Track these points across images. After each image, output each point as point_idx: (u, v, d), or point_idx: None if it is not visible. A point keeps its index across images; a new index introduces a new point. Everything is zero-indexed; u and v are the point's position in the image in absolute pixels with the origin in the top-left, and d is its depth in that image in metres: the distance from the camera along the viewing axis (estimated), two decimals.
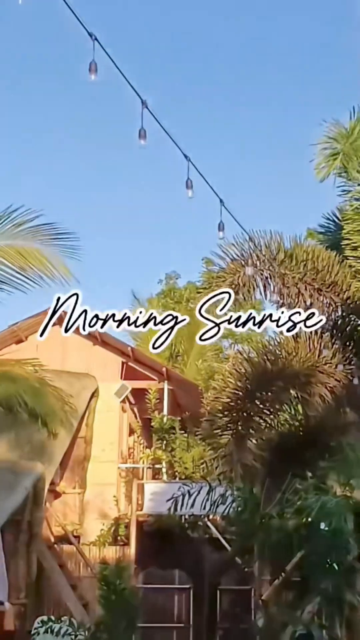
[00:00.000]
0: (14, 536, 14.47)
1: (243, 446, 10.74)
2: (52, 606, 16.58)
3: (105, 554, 17.30)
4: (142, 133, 6.33)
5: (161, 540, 17.25)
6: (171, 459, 18.55)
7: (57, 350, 19.23)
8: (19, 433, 15.70)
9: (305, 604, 11.03)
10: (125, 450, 20.09)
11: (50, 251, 10.50)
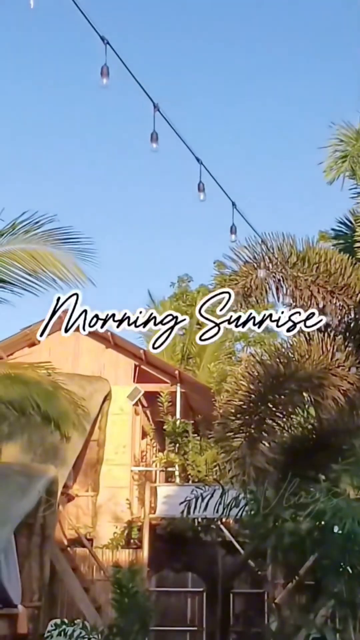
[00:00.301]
0: (27, 539, 14.48)
1: (256, 449, 10.70)
2: (65, 609, 16.60)
3: (118, 557, 17.30)
4: (154, 136, 6.34)
5: (174, 543, 17.25)
6: (184, 462, 18.53)
7: (69, 354, 19.30)
8: (31, 436, 15.74)
9: (319, 607, 11.01)
10: (138, 453, 20.10)
11: (63, 254, 10.52)
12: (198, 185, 7.16)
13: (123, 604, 11.76)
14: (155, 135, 6.29)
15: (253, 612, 17.44)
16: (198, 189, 7.17)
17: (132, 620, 11.66)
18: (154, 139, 6.30)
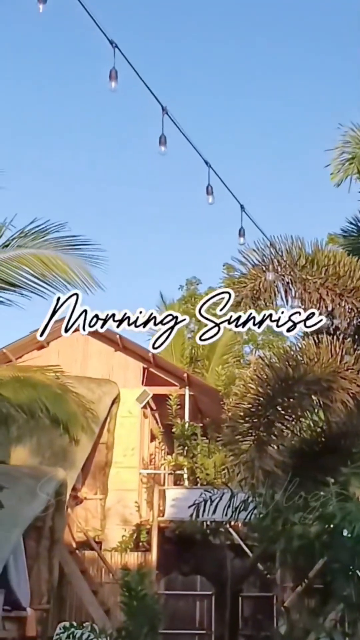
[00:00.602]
0: (36, 542, 14.50)
1: (264, 452, 10.68)
2: (74, 612, 16.61)
3: (126, 560, 17.29)
4: (163, 140, 6.34)
5: (183, 546, 17.23)
6: (192, 464, 18.52)
7: (78, 356, 19.35)
8: (40, 439, 15.76)
9: (328, 611, 10.97)
10: (147, 456, 20.09)
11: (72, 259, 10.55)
12: (206, 188, 7.14)
13: (132, 607, 11.75)
14: (163, 139, 6.28)
15: (262, 615, 17.40)
16: (207, 192, 7.16)
17: (141, 623, 11.65)
18: (162, 142, 6.29)
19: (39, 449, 16.04)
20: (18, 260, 10.62)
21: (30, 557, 13.99)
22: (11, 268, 10.62)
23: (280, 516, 10.04)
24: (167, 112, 6.26)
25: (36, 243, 10.54)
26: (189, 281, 30.94)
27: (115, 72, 5.61)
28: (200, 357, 24.98)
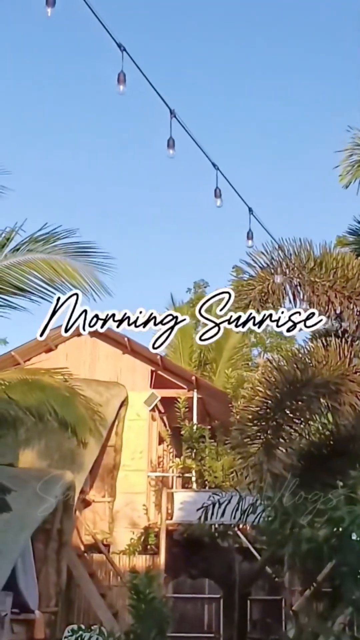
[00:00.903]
0: (44, 544, 14.51)
1: (273, 455, 10.68)
2: (82, 615, 16.61)
3: (135, 563, 17.29)
4: (171, 143, 6.33)
5: (191, 549, 17.21)
6: (201, 467, 18.50)
7: (86, 359, 19.37)
8: (48, 442, 15.77)
9: (337, 614, 10.93)
10: (155, 459, 20.09)
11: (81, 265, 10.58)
12: (215, 191, 7.14)
13: (140, 610, 11.75)
14: (172, 142, 6.28)
15: (270, 619, 17.37)
16: (215, 195, 7.16)
17: (149, 626, 11.64)
18: (170, 146, 6.29)
19: (47, 452, 16.05)
20: (27, 265, 10.66)
21: (38, 559, 13.99)
22: (21, 273, 10.66)
23: (288, 519, 10.01)
24: (175, 115, 6.26)
25: (46, 248, 10.58)
26: (197, 284, 30.95)
27: (124, 75, 5.61)
28: (209, 361, 24.97)
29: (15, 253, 10.81)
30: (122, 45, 5.51)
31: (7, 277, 10.76)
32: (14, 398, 11.44)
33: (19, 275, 10.66)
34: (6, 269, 10.70)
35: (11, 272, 10.73)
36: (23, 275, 10.65)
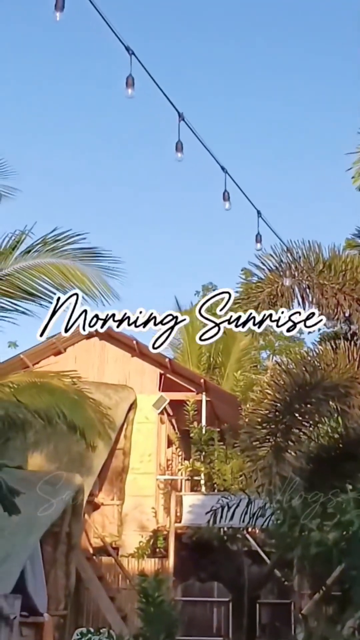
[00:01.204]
0: (53, 547, 14.51)
1: (282, 458, 10.65)
2: (91, 618, 16.60)
3: (143, 566, 17.27)
4: (179, 146, 6.33)
5: (200, 552, 17.19)
6: (210, 470, 18.48)
7: (95, 362, 19.38)
8: (57, 445, 15.78)
9: (346, 618, 10.89)
10: (164, 461, 20.07)
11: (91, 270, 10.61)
12: (223, 194, 7.13)
13: (149, 613, 11.75)
14: (180, 145, 6.27)
15: (279, 622, 17.32)
16: (223, 198, 7.14)
17: (158, 629, 11.64)
18: (178, 149, 6.28)
19: (56, 455, 16.06)
20: (37, 270, 10.69)
21: (47, 562, 13.99)
22: (30, 277, 10.70)
23: (297, 522, 9.99)
24: (184, 118, 6.26)
25: (55, 253, 10.61)
26: (205, 287, 30.91)
27: (132, 79, 5.59)
28: (218, 364, 24.95)
29: (25, 256, 10.84)
30: (130, 49, 5.51)
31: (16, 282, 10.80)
32: (23, 401, 11.48)
33: (28, 280, 10.70)
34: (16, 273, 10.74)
35: (21, 277, 10.77)
36: (33, 280, 10.69)
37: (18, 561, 12.53)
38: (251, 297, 11.46)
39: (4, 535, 12.35)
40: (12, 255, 11.03)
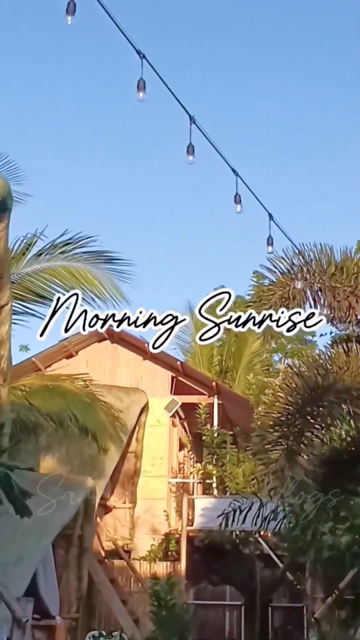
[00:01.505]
0: (65, 550, 14.50)
1: (294, 461, 10.61)
2: (103, 621, 16.59)
3: (155, 569, 17.26)
4: (191, 149, 6.32)
5: (212, 555, 17.16)
6: (222, 474, 18.45)
7: (107, 365, 19.39)
8: (69, 447, 15.79)
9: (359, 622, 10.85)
10: (176, 465, 20.06)
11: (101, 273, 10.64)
12: (234, 197, 7.11)
13: (161, 617, 11.75)
14: (191, 148, 6.26)
15: (292, 626, 17.26)
16: (235, 201, 7.13)
17: (170, 632, 11.63)
18: (190, 152, 6.27)
19: (68, 458, 16.07)
20: (48, 273, 10.73)
21: (59, 565, 13.99)
22: (42, 280, 10.73)
23: (310, 526, 9.97)
24: (195, 121, 6.25)
25: (66, 256, 10.65)
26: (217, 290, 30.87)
27: (144, 82, 5.59)
28: (230, 368, 24.92)
29: (36, 259, 10.88)
30: (141, 52, 5.51)
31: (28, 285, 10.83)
32: (35, 404, 11.50)
33: (40, 283, 10.73)
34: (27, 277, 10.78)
35: (32, 280, 10.80)
36: (44, 283, 10.72)
37: (30, 564, 12.53)
38: (263, 300, 11.44)
39: (16, 538, 12.36)
40: (24, 259, 11.07)
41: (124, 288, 10.83)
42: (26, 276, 11.02)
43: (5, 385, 10.38)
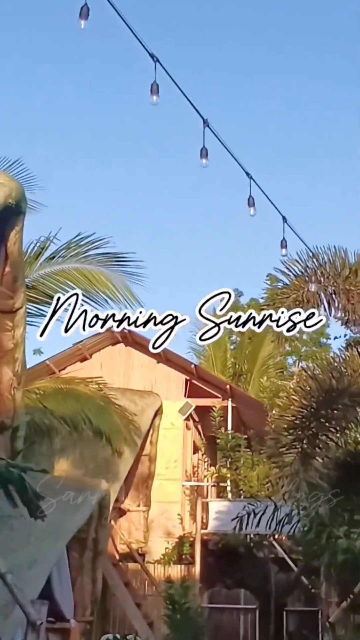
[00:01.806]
0: (79, 553, 14.50)
1: (309, 465, 10.59)
2: (118, 624, 16.58)
3: (170, 573, 17.24)
4: (204, 152, 6.31)
5: (226, 559, 17.12)
6: (236, 477, 18.41)
7: (121, 368, 19.41)
8: (83, 451, 15.80)
9: None
10: (190, 468, 20.04)
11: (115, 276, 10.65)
12: (248, 200, 7.10)
13: (175, 620, 11.73)
14: (205, 152, 6.26)
15: (307, 630, 17.18)
16: (248, 204, 7.12)
17: (185, 636, 11.61)
18: (203, 155, 6.27)
19: (82, 461, 16.09)
20: (61, 275, 10.75)
21: (73, 568, 13.98)
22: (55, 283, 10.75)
23: (324, 530, 9.93)
24: (208, 124, 6.25)
25: (79, 258, 10.67)
26: None
27: (157, 86, 5.59)
28: (244, 371, 24.88)
29: (49, 262, 10.91)
30: (155, 56, 5.51)
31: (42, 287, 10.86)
32: (49, 407, 11.52)
33: (53, 285, 10.75)
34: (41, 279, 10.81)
35: (46, 282, 10.83)
36: (58, 285, 10.74)
37: (45, 567, 12.54)
38: (277, 303, 11.42)
39: (30, 540, 12.37)
40: (37, 262, 11.11)
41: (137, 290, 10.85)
42: (40, 279, 11.06)
43: (20, 388, 10.40)
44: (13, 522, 10.22)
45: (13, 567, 8.67)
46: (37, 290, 11.04)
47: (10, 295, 9.58)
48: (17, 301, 9.64)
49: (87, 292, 10.78)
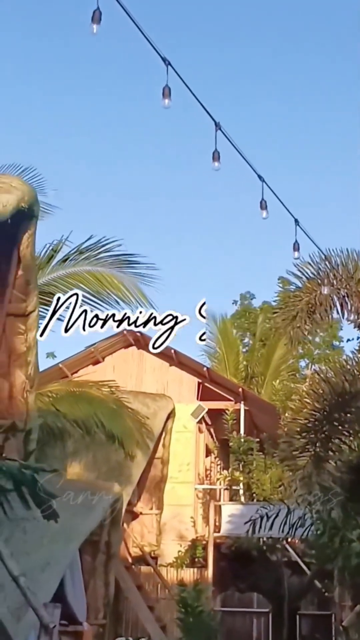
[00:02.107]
0: (92, 557, 14.51)
1: (321, 468, 10.57)
2: (130, 627, 16.57)
3: (182, 576, 17.21)
4: (216, 155, 6.31)
5: (239, 562, 17.09)
6: (249, 480, 18.38)
7: (133, 371, 19.41)
8: (96, 454, 15.81)
9: None
10: (202, 471, 20.02)
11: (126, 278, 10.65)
12: (260, 203, 7.09)
13: (188, 623, 11.71)
14: (217, 155, 6.26)
15: (320, 634, 17.14)
16: (260, 207, 7.11)
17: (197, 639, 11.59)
18: (215, 158, 6.26)
19: (95, 464, 16.10)
20: (73, 277, 10.77)
21: (86, 571, 13.99)
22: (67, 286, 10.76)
23: (337, 533, 9.90)
24: (220, 127, 6.25)
25: (91, 261, 10.69)
26: (243, 296, 30.83)
27: (169, 89, 5.60)
28: (256, 374, 24.86)
29: (62, 265, 10.93)
30: (167, 59, 5.51)
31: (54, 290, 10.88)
32: (62, 410, 11.53)
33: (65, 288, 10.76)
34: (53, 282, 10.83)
35: (58, 285, 10.84)
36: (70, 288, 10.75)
37: (58, 569, 12.55)
38: (289, 306, 11.41)
39: (43, 543, 12.39)
40: (49, 265, 11.14)
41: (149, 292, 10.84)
42: (52, 282, 11.09)
43: (33, 391, 10.43)
44: (26, 525, 10.22)
45: (26, 570, 8.67)
46: (49, 294, 11.07)
47: (23, 298, 9.62)
48: (30, 304, 9.67)
49: (99, 294, 10.80)
